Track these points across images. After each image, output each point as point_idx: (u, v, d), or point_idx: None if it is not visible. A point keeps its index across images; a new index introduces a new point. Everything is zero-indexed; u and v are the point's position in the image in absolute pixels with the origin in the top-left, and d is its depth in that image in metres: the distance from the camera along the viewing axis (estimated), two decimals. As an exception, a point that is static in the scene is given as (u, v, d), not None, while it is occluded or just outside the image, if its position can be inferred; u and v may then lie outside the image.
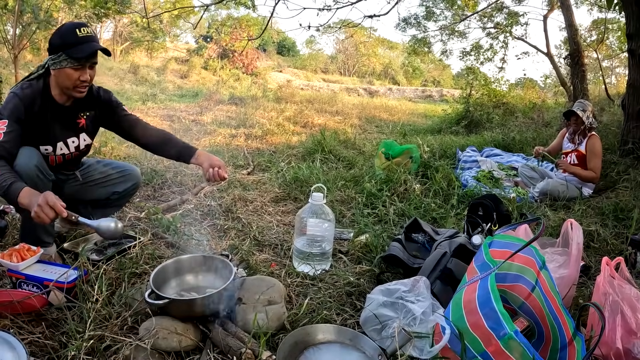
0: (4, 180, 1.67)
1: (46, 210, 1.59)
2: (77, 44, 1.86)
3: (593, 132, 3.70)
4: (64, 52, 1.86)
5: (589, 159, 3.65)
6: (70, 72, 1.89)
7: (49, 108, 1.99)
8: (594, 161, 3.63)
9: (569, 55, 7.76)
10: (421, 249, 2.23)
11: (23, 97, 1.90)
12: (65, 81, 1.92)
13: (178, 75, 17.91)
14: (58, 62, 1.89)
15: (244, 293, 1.65)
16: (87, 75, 1.94)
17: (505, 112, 8.70)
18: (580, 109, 3.69)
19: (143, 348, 1.36)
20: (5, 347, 1.27)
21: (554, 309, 1.38)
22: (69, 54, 1.86)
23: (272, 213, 3.02)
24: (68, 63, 1.88)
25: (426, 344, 1.39)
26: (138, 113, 7.79)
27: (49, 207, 1.59)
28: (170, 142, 2.24)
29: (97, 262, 1.89)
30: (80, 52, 1.86)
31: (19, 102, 1.88)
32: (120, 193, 2.35)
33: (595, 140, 3.65)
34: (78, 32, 1.86)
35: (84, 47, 1.86)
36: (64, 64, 1.88)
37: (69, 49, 1.86)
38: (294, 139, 6.22)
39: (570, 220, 1.90)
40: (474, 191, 3.49)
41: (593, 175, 3.63)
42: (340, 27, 10.24)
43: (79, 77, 1.91)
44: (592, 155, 3.64)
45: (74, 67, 1.89)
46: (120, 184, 2.35)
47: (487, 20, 13.05)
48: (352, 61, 29.66)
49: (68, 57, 1.86)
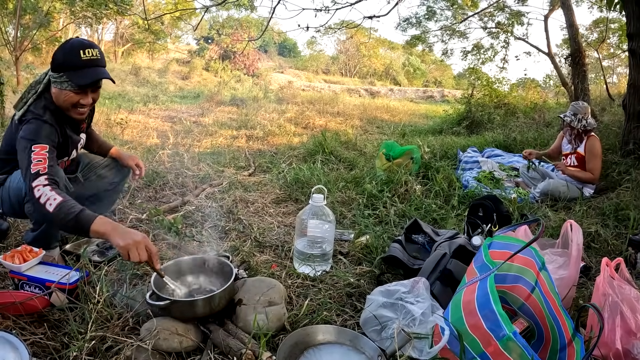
0: (72, 207, 1.58)
1: (142, 252, 1.53)
2: (80, 67, 1.77)
3: (592, 132, 3.69)
4: (65, 74, 1.78)
5: (588, 159, 3.64)
6: (70, 94, 1.82)
7: (64, 123, 1.94)
8: (592, 162, 3.62)
9: (570, 55, 7.75)
10: (421, 250, 2.23)
11: (52, 121, 1.82)
12: (64, 102, 1.84)
13: (179, 76, 17.94)
14: (59, 82, 1.80)
15: (244, 294, 1.66)
16: (90, 99, 1.87)
17: (507, 113, 8.69)
18: (571, 113, 3.68)
19: (144, 349, 1.36)
20: (7, 347, 1.27)
21: (554, 310, 1.38)
22: (71, 78, 1.77)
23: (273, 214, 3.03)
24: (69, 86, 1.80)
25: (425, 345, 1.39)
26: (140, 115, 7.87)
27: (145, 251, 1.54)
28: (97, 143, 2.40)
29: (98, 263, 1.90)
30: (82, 79, 1.77)
31: (52, 128, 1.81)
32: (118, 181, 2.42)
33: (595, 141, 3.65)
34: (82, 55, 1.76)
35: (87, 72, 1.78)
36: (65, 85, 1.80)
37: (71, 70, 1.77)
38: (295, 140, 6.23)
39: (570, 221, 1.90)
40: (475, 192, 3.49)
41: (591, 177, 3.62)
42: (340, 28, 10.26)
43: (79, 101, 1.85)
44: (591, 156, 3.63)
45: (75, 91, 1.81)
46: (117, 174, 2.40)
47: (488, 20, 13.04)
48: (354, 62, 29.68)
49: (69, 80, 1.78)
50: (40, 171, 1.65)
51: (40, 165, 1.67)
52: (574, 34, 7.78)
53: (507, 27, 12.59)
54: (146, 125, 6.79)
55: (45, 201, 1.58)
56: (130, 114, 7.61)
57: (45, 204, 1.58)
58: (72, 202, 1.61)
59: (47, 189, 1.61)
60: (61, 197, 1.60)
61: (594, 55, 12.11)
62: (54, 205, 1.57)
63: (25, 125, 1.79)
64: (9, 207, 1.95)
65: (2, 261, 1.69)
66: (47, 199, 1.59)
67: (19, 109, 1.88)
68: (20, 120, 1.84)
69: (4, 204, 1.97)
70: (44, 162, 1.68)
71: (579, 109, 3.69)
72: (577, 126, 3.64)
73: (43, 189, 1.61)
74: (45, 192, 1.60)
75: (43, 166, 1.67)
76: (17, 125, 1.85)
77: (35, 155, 1.68)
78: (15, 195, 1.90)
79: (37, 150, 1.70)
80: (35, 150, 1.70)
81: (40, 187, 1.61)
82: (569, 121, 3.66)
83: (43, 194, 1.60)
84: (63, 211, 1.57)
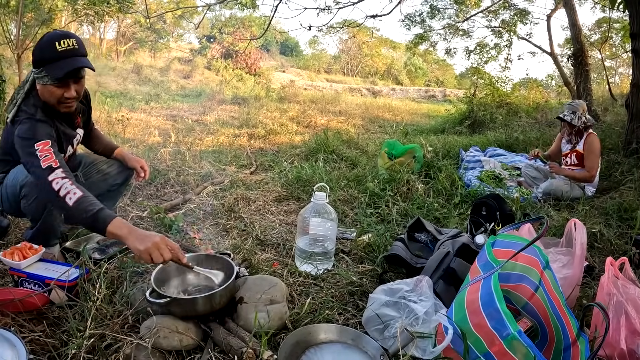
0: (91, 204, 1.55)
1: (164, 252, 1.51)
2: (57, 59, 1.71)
3: (591, 130, 3.67)
4: (44, 68, 1.73)
5: (586, 157, 3.62)
6: (53, 89, 1.77)
7: (56, 119, 1.92)
8: (590, 159, 3.59)
9: (573, 54, 7.73)
10: (424, 249, 2.22)
11: (44, 118, 1.79)
12: (49, 98, 1.81)
13: (181, 75, 17.93)
14: (40, 78, 1.76)
15: (245, 292, 1.64)
16: (73, 91, 1.81)
17: (509, 112, 8.67)
18: (569, 111, 3.67)
19: (144, 347, 1.35)
20: (5, 345, 1.26)
21: (558, 310, 1.37)
22: (49, 71, 1.73)
23: (275, 212, 3.02)
24: (49, 80, 1.75)
25: (429, 344, 1.38)
26: (141, 113, 7.87)
27: (168, 250, 1.53)
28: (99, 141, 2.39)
29: (98, 260, 1.88)
30: (59, 70, 1.71)
31: (46, 124, 1.78)
32: (120, 183, 2.40)
33: (593, 139, 3.62)
34: (57, 46, 1.70)
35: (63, 63, 1.72)
36: (46, 80, 1.75)
37: (48, 64, 1.72)
38: (297, 139, 6.22)
39: (574, 220, 1.89)
40: (477, 191, 3.48)
41: (587, 175, 3.58)
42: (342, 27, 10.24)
43: (63, 94, 1.80)
44: (588, 154, 3.61)
45: (56, 84, 1.76)
46: (119, 175, 2.37)
47: (491, 18, 13.00)
48: (355, 61, 29.67)
49: (48, 74, 1.73)
50: (52, 165, 1.62)
51: (49, 161, 1.64)
52: (577, 33, 7.76)
53: (510, 26, 12.55)
54: (148, 123, 6.79)
55: (65, 194, 1.56)
56: (132, 113, 7.62)
57: (65, 197, 1.55)
58: (91, 199, 1.58)
59: (67, 182, 1.58)
60: (81, 192, 1.57)
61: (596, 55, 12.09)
62: (74, 200, 1.55)
63: (19, 125, 1.76)
64: (8, 205, 1.94)
65: (2, 258, 1.68)
66: (67, 192, 1.56)
67: (10, 111, 1.85)
68: (13, 120, 1.81)
69: (3, 202, 1.96)
70: (51, 156, 1.65)
71: (577, 106, 3.69)
72: (577, 124, 3.62)
73: (62, 181, 1.58)
74: (65, 185, 1.57)
75: (54, 160, 1.64)
76: (11, 126, 1.82)
77: (40, 152, 1.65)
78: (12, 193, 1.89)
79: (40, 147, 1.67)
80: (39, 147, 1.67)
81: (59, 180, 1.58)
82: (569, 120, 3.64)
83: (63, 187, 1.57)
84: (82, 207, 1.54)
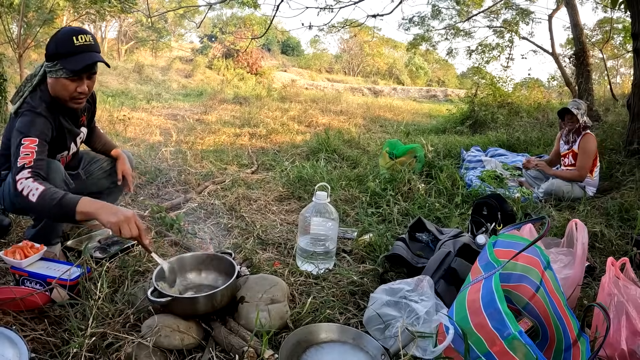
0: (54, 193, 1.57)
1: (132, 227, 1.55)
2: (73, 53, 1.74)
3: (587, 130, 3.66)
4: (60, 62, 1.76)
5: (580, 155, 3.60)
6: (66, 82, 1.80)
7: (61, 116, 1.93)
8: (582, 158, 3.57)
9: (574, 54, 7.72)
10: (425, 249, 2.22)
11: (47, 114, 1.80)
12: (61, 91, 1.83)
13: (182, 74, 17.94)
14: (54, 71, 1.78)
15: (247, 291, 1.65)
16: (85, 86, 1.84)
17: (510, 112, 8.65)
18: (574, 107, 3.67)
19: (145, 346, 1.35)
20: (6, 343, 1.27)
21: (559, 310, 1.37)
22: (65, 65, 1.75)
23: (276, 212, 3.02)
24: (64, 73, 1.77)
25: (429, 344, 1.38)
26: (142, 112, 7.87)
27: (136, 226, 1.56)
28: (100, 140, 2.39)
29: (100, 259, 1.89)
30: (76, 64, 1.74)
31: (46, 121, 1.79)
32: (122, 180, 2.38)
33: (589, 139, 3.60)
34: (75, 41, 1.74)
35: (80, 57, 1.75)
36: (60, 73, 1.77)
37: (64, 58, 1.75)
38: (298, 138, 6.22)
39: (575, 220, 1.88)
40: (479, 191, 3.48)
41: (575, 174, 3.56)
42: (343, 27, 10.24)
43: (76, 89, 1.82)
44: (582, 153, 3.59)
45: (70, 78, 1.79)
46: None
47: (493, 18, 12.99)
48: (357, 61, 29.66)
49: (63, 67, 1.76)
50: (25, 164, 1.64)
51: (26, 159, 1.65)
52: (578, 33, 7.75)
53: (512, 26, 12.54)
54: (149, 122, 6.79)
55: (27, 193, 1.58)
56: (133, 112, 7.62)
57: (28, 195, 1.57)
58: (54, 190, 1.60)
59: (29, 181, 1.60)
60: (43, 187, 1.59)
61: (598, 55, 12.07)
62: (37, 195, 1.57)
63: (20, 117, 1.79)
64: (9, 203, 1.95)
65: (3, 257, 1.68)
66: (30, 190, 1.58)
67: (15, 102, 1.87)
68: (16, 112, 1.83)
69: (5, 200, 1.97)
70: (31, 155, 1.67)
71: (581, 103, 3.71)
72: (581, 120, 3.62)
73: (25, 181, 1.60)
74: (27, 185, 1.59)
75: (29, 160, 1.66)
76: (14, 118, 1.84)
77: (23, 149, 1.68)
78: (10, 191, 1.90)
79: (26, 143, 1.69)
80: (25, 143, 1.69)
81: (22, 180, 1.60)
82: (575, 112, 3.63)
83: (25, 187, 1.59)
84: (46, 199, 1.56)
